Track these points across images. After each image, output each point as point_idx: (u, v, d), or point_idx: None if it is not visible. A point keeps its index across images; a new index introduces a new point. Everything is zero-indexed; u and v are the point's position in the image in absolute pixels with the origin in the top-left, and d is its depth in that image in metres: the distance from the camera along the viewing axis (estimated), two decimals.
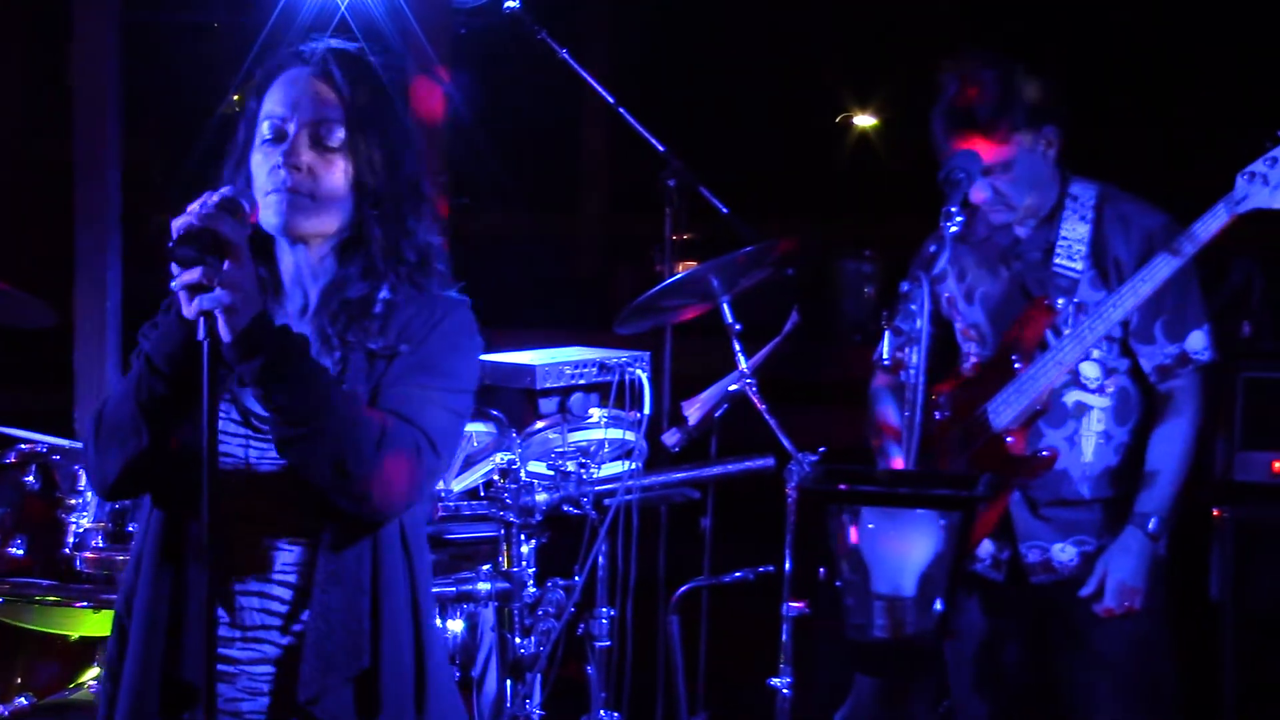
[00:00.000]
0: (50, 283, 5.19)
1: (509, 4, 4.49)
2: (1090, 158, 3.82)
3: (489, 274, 2.67)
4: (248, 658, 2.46)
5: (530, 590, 3.67)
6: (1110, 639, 3.68)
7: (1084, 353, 3.63)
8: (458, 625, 3.68)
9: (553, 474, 3.77)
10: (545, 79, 5.20)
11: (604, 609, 3.95)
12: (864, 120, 16.69)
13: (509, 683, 3.67)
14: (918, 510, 2.85)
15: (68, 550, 3.80)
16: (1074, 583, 3.69)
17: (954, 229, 3.40)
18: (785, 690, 3.88)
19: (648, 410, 4.05)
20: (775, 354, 3.99)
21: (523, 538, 3.67)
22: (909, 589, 2.82)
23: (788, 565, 3.84)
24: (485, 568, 3.66)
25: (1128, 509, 3.66)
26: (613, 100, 4.46)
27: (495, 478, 3.67)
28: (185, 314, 2.28)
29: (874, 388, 4.04)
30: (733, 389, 3.94)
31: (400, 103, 2.57)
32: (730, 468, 4.02)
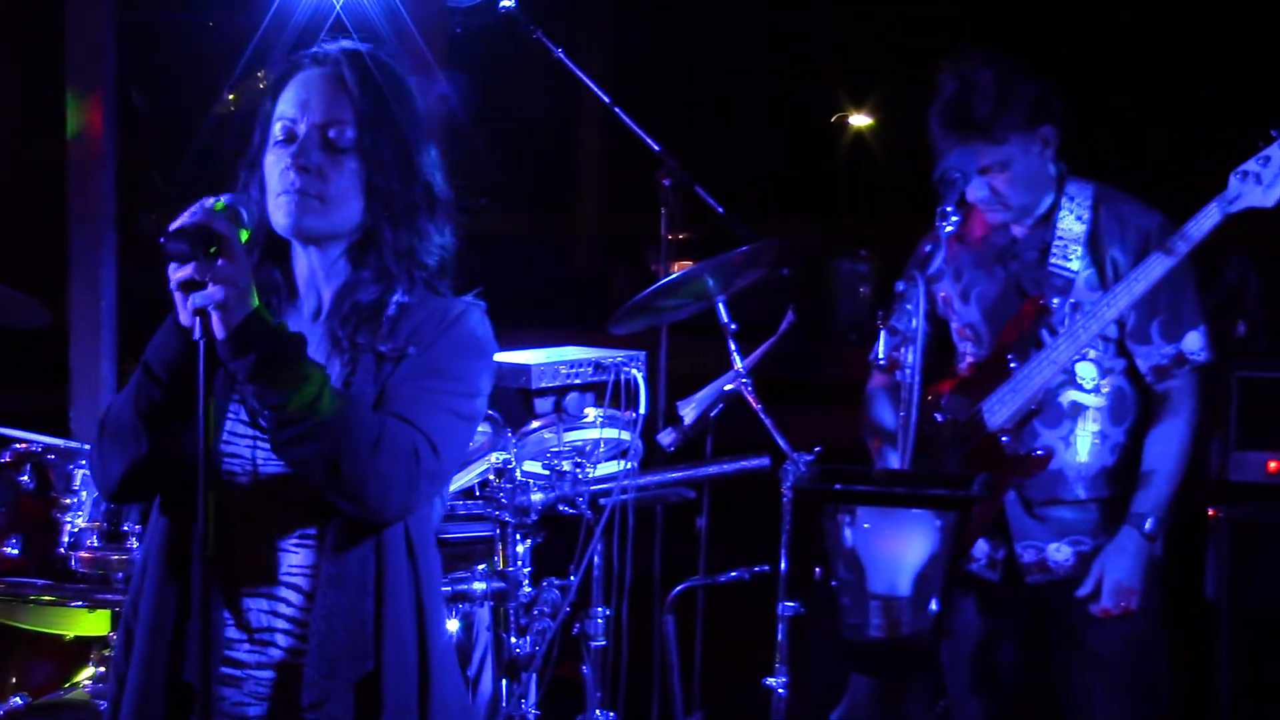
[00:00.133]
0: (45, 282, 5.19)
1: (504, 3, 4.48)
2: (1087, 157, 3.82)
3: (484, 273, 2.65)
4: (254, 661, 2.44)
5: (526, 590, 3.67)
6: (1106, 639, 3.68)
7: (1078, 352, 3.63)
8: (453, 625, 3.68)
9: (548, 473, 3.77)
10: (541, 79, 5.19)
11: (599, 608, 3.94)
12: (860, 120, 16.69)
13: (504, 682, 3.67)
14: (913, 510, 2.85)
15: (63, 550, 3.79)
16: (1070, 583, 3.69)
17: (949, 228, 3.40)
18: (781, 690, 3.88)
19: (643, 410, 4.05)
20: (771, 354, 3.99)
21: (518, 537, 3.67)
22: (904, 589, 2.83)
23: (783, 565, 3.84)
24: (481, 567, 3.65)
25: (1124, 509, 3.66)
26: (608, 100, 4.46)
27: (491, 477, 3.67)
28: (182, 321, 2.27)
29: (870, 388, 4.04)
30: (728, 389, 3.94)
31: (416, 105, 2.54)
32: (726, 467, 4.02)
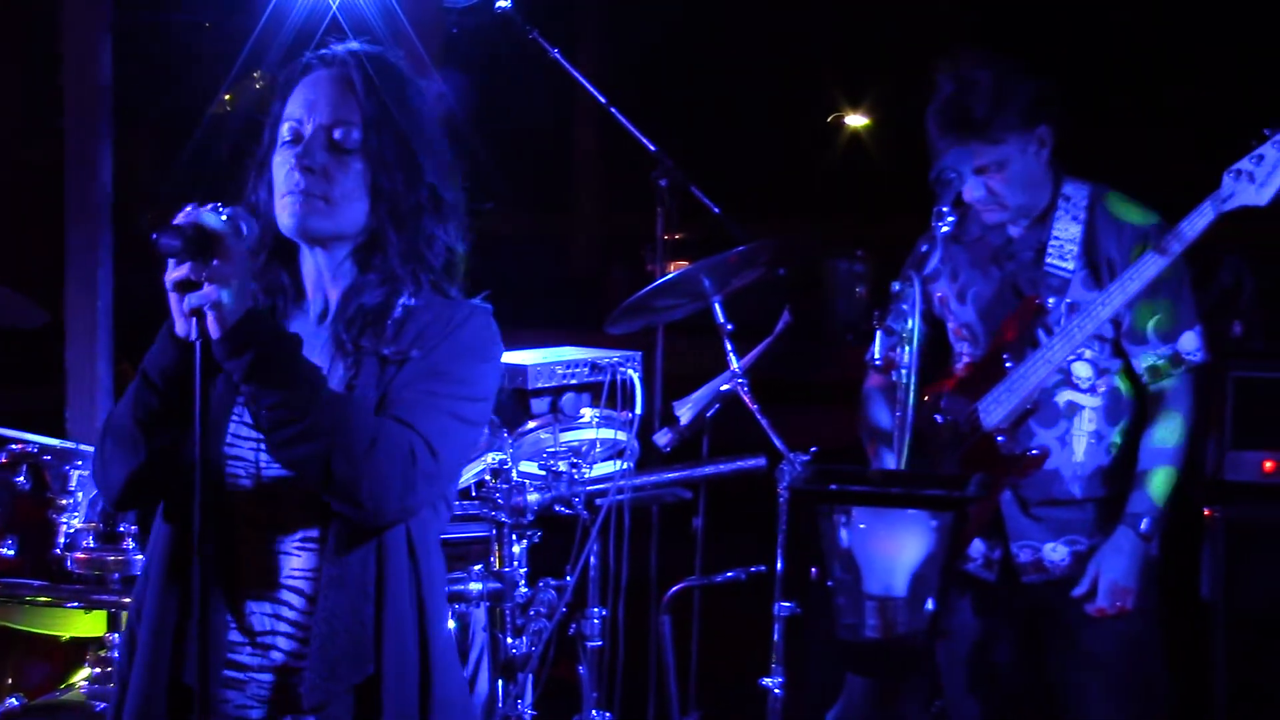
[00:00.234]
0: (41, 282, 5.19)
1: (500, 4, 4.48)
2: (1082, 156, 3.82)
3: (481, 274, 2.65)
4: (257, 664, 2.43)
5: (522, 590, 3.67)
6: (1102, 639, 3.69)
7: (1074, 351, 3.63)
8: (449, 625, 3.68)
9: (544, 474, 3.77)
10: (537, 79, 5.20)
11: (595, 609, 3.94)
12: (856, 120, 16.71)
13: (501, 683, 3.67)
14: (909, 510, 2.85)
15: (59, 551, 3.78)
16: (1066, 582, 3.69)
17: (945, 229, 3.40)
18: (777, 690, 3.88)
19: (639, 410, 4.04)
20: (767, 354, 3.99)
21: (514, 538, 3.67)
22: (900, 589, 2.82)
23: (779, 565, 3.84)
24: (477, 568, 3.65)
25: (1119, 509, 3.66)
26: (604, 100, 4.46)
27: (487, 477, 3.66)
28: (176, 324, 2.27)
29: (866, 389, 4.04)
30: (724, 389, 3.94)
31: (424, 107, 2.53)
32: (722, 468, 4.02)
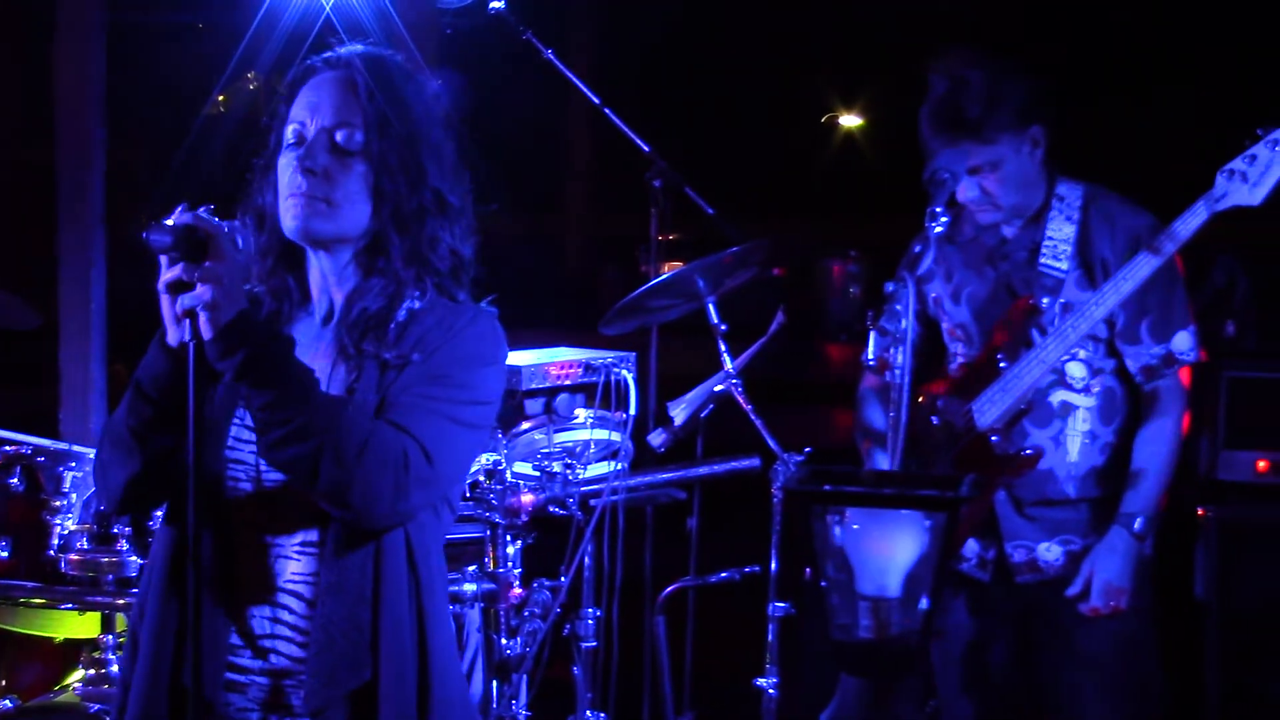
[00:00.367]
0: (34, 284, 5.18)
1: (494, 5, 4.48)
2: (1080, 156, 3.82)
3: (474, 275, 2.65)
4: (257, 668, 2.43)
5: (516, 591, 3.67)
6: (1096, 638, 3.69)
7: (1068, 351, 3.63)
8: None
9: (538, 475, 3.77)
10: (531, 80, 5.19)
11: (590, 609, 3.94)
12: (850, 120, 16.72)
13: (495, 684, 3.67)
14: (902, 511, 2.85)
15: (52, 552, 3.78)
16: (1060, 582, 3.69)
17: (939, 229, 3.40)
18: (771, 690, 3.89)
19: (633, 411, 4.04)
20: (761, 354, 3.99)
21: (508, 538, 3.67)
22: (894, 589, 2.82)
23: (773, 565, 3.84)
24: (471, 569, 3.65)
25: (1113, 509, 3.66)
26: (598, 101, 4.45)
27: (481, 478, 3.66)
28: (168, 328, 2.28)
29: (861, 390, 4.04)
30: (718, 389, 3.94)
31: (429, 110, 2.52)
32: (716, 468, 4.02)
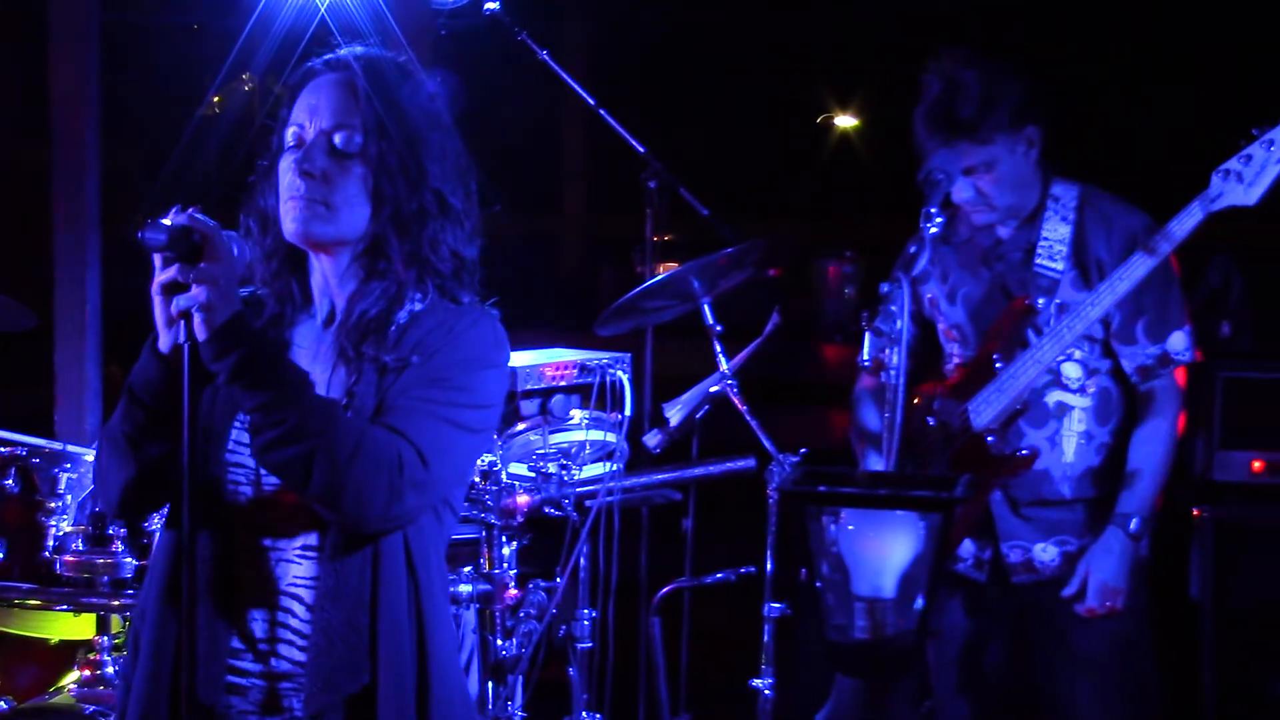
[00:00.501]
0: (30, 285, 5.18)
1: (489, 5, 4.48)
2: (1079, 156, 3.82)
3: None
4: (258, 671, 2.43)
5: (512, 592, 3.67)
6: (1092, 639, 3.69)
7: (1063, 352, 3.63)
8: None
9: (534, 476, 3.77)
10: (526, 80, 5.19)
11: (585, 610, 3.94)
12: (845, 121, 16.71)
13: (490, 685, 3.67)
14: (898, 511, 2.85)
15: (47, 554, 3.78)
16: (1056, 583, 3.69)
17: (934, 230, 3.40)
18: (767, 691, 3.89)
19: (629, 412, 4.05)
20: (756, 355, 4.00)
21: (504, 539, 3.67)
22: (889, 590, 2.82)
23: (769, 566, 3.84)
24: (466, 570, 3.65)
25: (1109, 509, 3.66)
26: (593, 102, 4.46)
27: (476, 479, 3.66)
28: (160, 345, 2.28)
29: (856, 391, 4.04)
30: (714, 390, 3.94)
31: (430, 112, 2.51)
32: (711, 469, 4.02)
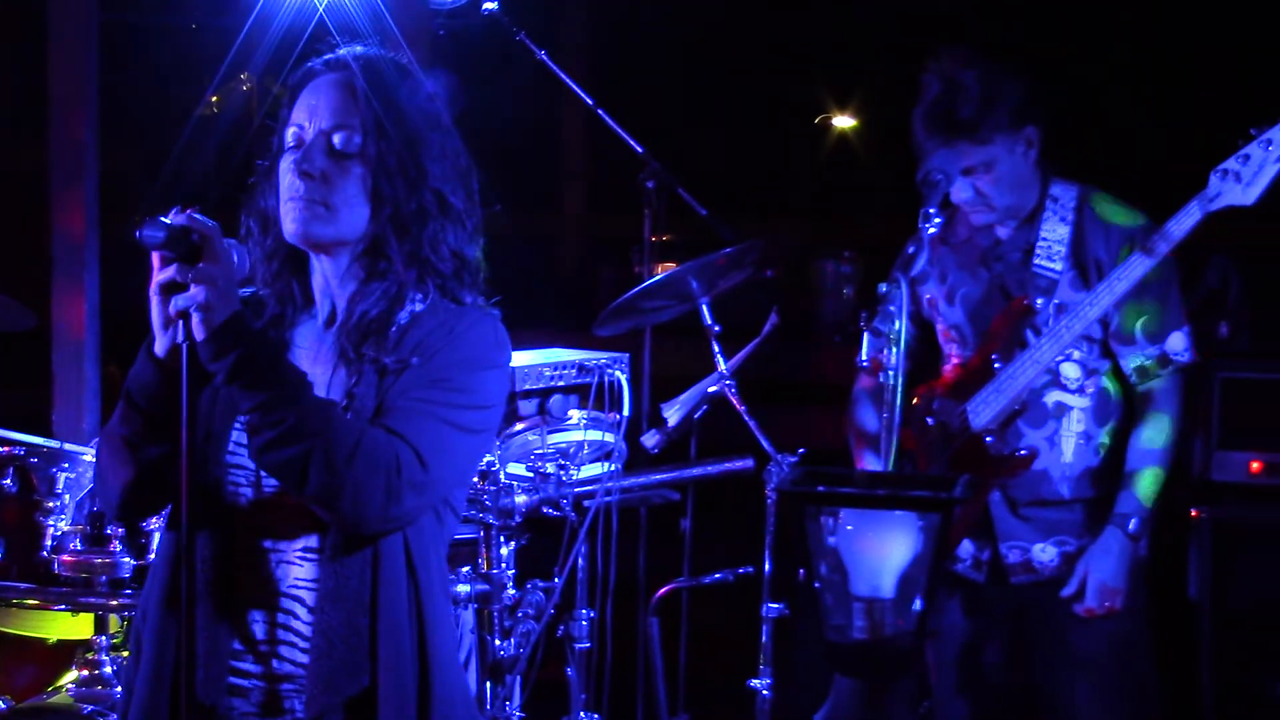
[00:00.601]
0: (28, 285, 5.17)
1: (487, 6, 4.48)
2: (1079, 156, 3.82)
3: None
4: (259, 673, 2.43)
5: (510, 592, 3.67)
6: (1091, 639, 3.69)
7: (1062, 352, 3.63)
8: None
9: (532, 476, 3.76)
10: (525, 81, 5.19)
11: (584, 611, 3.94)
12: (844, 121, 16.70)
13: (489, 685, 3.67)
14: (896, 512, 2.86)
15: (45, 553, 3.78)
16: (1055, 583, 3.69)
17: (932, 230, 3.41)
18: (765, 691, 3.89)
19: (627, 412, 4.04)
20: (755, 355, 4.00)
21: (502, 540, 3.67)
22: (888, 590, 2.83)
23: (767, 567, 3.84)
24: (464, 570, 3.65)
25: (1108, 509, 3.66)
26: (592, 102, 4.46)
27: (474, 480, 3.66)
28: (155, 349, 2.29)
29: (855, 391, 4.03)
30: (712, 390, 3.94)
31: (430, 112, 2.50)
32: (710, 469, 4.02)
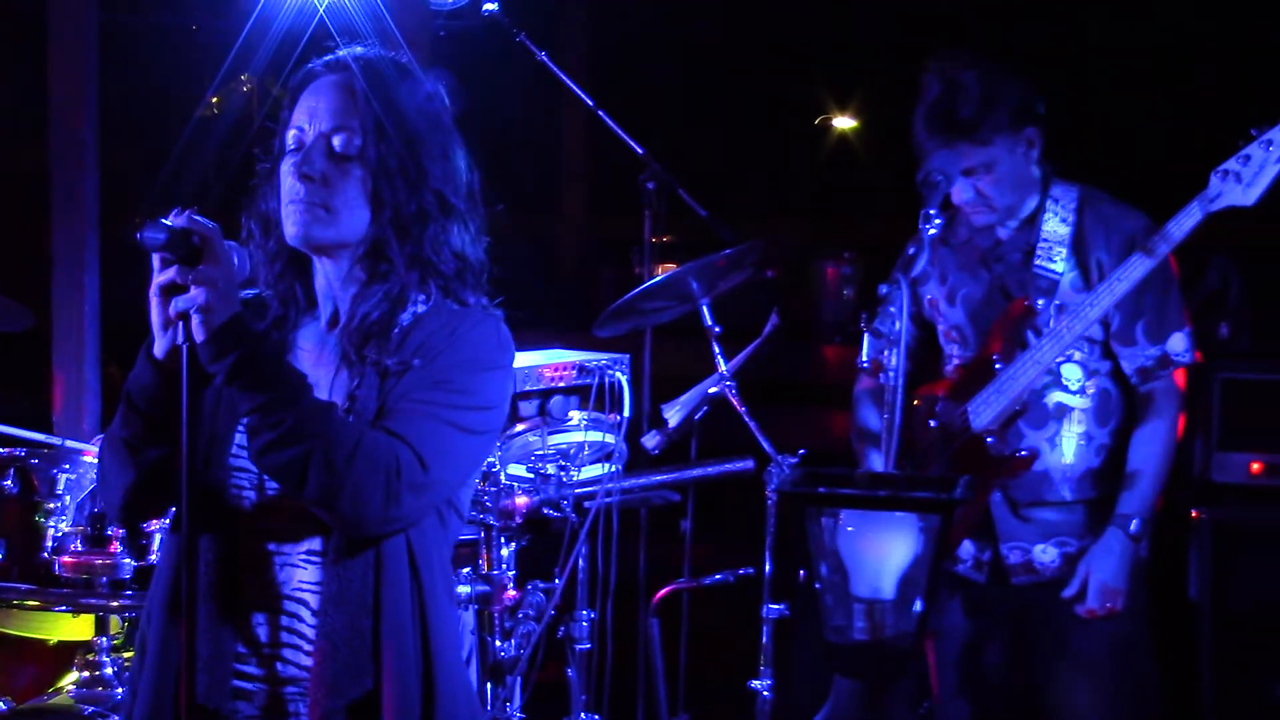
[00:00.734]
0: (28, 286, 5.17)
1: (488, 7, 4.48)
2: (1079, 156, 3.82)
3: None
4: (263, 676, 2.43)
5: (510, 593, 3.67)
6: (1092, 640, 3.69)
7: (1062, 353, 3.63)
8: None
9: (532, 477, 3.77)
10: (525, 81, 5.20)
11: (584, 611, 3.94)
12: (844, 122, 16.73)
13: (489, 686, 3.67)
14: (897, 513, 2.85)
15: (46, 554, 3.78)
16: (1056, 584, 3.69)
17: (933, 231, 3.40)
18: (765, 692, 3.89)
19: (627, 413, 4.05)
20: (755, 356, 4.00)
21: (502, 540, 3.67)
22: (888, 591, 2.82)
23: (767, 567, 3.84)
24: (465, 571, 3.65)
25: (1109, 510, 3.66)
26: (592, 103, 4.46)
27: (475, 481, 3.66)
28: (155, 351, 2.29)
29: (856, 392, 4.03)
30: (712, 391, 3.94)
31: (431, 113, 2.50)
32: (710, 470, 4.02)
